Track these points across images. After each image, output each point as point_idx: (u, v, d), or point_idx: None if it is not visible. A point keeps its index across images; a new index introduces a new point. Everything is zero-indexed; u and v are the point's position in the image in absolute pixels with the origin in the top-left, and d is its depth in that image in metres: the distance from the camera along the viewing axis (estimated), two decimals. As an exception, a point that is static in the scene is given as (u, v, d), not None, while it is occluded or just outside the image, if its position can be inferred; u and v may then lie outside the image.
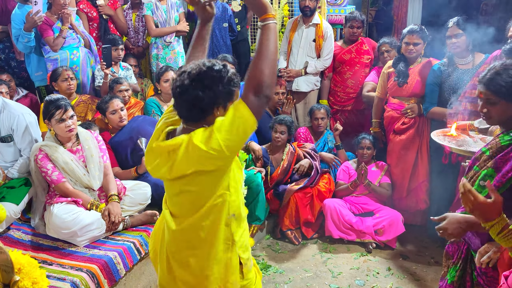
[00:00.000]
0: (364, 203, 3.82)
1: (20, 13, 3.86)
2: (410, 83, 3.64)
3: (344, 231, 3.68)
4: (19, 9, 3.90)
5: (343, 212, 3.69)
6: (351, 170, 3.98)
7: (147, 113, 3.90)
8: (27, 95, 4.15)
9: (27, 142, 3.02)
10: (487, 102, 1.89)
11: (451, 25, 3.29)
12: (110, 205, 2.84)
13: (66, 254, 2.67)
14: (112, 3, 4.64)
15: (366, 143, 3.90)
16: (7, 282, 1.68)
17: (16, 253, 1.82)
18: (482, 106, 1.91)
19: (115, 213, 2.82)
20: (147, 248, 2.84)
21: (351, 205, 3.83)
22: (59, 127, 2.84)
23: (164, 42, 4.57)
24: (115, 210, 2.83)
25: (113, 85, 3.83)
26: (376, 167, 3.95)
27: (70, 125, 2.84)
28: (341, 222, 3.66)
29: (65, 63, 3.93)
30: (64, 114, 2.82)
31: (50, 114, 2.82)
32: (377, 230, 3.64)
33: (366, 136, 3.95)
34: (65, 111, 2.82)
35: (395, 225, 3.60)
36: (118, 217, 2.82)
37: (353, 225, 3.66)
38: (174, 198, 1.74)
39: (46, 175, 2.85)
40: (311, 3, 4.24)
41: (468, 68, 3.33)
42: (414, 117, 3.67)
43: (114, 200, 2.88)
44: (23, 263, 1.80)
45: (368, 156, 3.90)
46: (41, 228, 2.89)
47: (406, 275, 3.31)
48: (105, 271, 2.56)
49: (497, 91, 1.84)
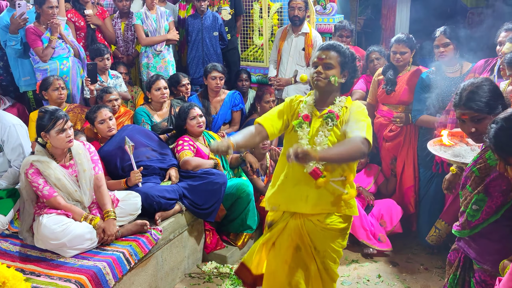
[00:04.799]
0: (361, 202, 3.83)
1: (8, 15, 3.87)
2: (398, 90, 3.69)
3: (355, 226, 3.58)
4: (8, 12, 3.90)
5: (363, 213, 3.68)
6: None
7: (136, 122, 3.90)
8: (14, 105, 4.12)
9: (17, 154, 2.99)
10: (472, 121, 1.93)
11: (438, 35, 3.34)
12: (106, 223, 2.80)
13: (54, 265, 2.64)
14: (101, 13, 4.64)
15: None
16: None
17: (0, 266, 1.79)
18: (469, 127, 1.95)
19: (110, 233, 2.79)
20: (136, 258, 2.83)
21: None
22: (59, 138, 2.73)
23: (154, 51, 4.58)
24: (111, 230, 2.79)
25: (102, 95, 3.81)
26: (370, 168, 3.97)
27: (70, 135, 2.77)
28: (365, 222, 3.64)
29: (55, 73, 3.90)
30: (65, 124, 2.73)
31: (49, 126, 2.70)
32: (381, 222, 3.69)
33: None
34: (66, 122, 2.74)
35: (393, 209, 3.67)
36: (112, 238, 2.79)
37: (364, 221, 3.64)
38: None
39: (37, 189, 2.77)
40: (300, 12, 4.29)
41: (456, 76, 3.38)
42: (401, 125, 3.71)
43: (110, 217, 2.83)
44: (7, 276, 1.78)
45: (362, 164, 3.95)
46: (29, 239, 2.85)
47: (396, 282, 3.32)
48: (94, 282, 2.54)
49: (480, 109, 1.89)
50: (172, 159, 3.51)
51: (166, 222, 3.16)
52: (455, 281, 2.15)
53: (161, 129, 3.89)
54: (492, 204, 1.87)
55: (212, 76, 4.19)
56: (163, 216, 3.16)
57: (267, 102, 4.29)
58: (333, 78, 2.17)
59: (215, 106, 4.31)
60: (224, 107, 4.31)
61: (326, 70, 2.18)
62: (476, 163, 1.97)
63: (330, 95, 2.24)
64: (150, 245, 2.94)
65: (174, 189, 3.23)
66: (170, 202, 3.19)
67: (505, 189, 1.82)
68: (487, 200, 1.88)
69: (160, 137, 3.69)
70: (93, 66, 3.89)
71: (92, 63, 3.94)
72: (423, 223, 3.72)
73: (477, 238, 1.99)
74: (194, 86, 4.91)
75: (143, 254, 2.88)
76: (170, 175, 3.41)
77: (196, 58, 4.85)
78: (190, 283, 3.33)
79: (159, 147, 3.55)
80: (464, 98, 1.93)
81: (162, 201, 3.12)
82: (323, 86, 2.20)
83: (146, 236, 2.95)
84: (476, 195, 1.93)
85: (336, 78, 2.17)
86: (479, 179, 1.92)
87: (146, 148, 3.48)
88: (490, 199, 1.87)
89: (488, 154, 1.92)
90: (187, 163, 3.41)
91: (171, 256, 3.22)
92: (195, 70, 4.86)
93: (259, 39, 5.08)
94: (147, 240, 2.93)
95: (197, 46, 4.81)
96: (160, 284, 3.12)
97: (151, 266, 3.02)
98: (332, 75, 2.17)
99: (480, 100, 1.89)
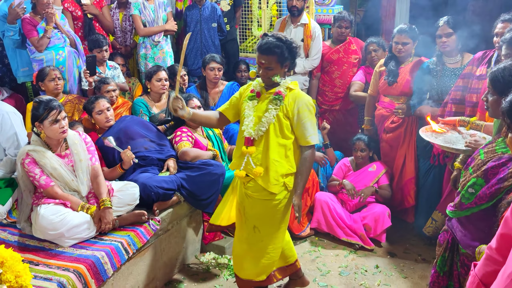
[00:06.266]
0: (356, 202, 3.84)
1: (6, 5, 3.84)
2: (400, 82, 3.68)
3: (332, 226, 3.69)
4: (5, 2, 3.87)
5: (335, 207, 3.71)
6: (345, 168, 4.00)
7: (135, 113, 3.88)
8: (12, 96, 4.11)
9: (11, 142, 2.98)
10: (488, 92, 1.96)
11: (441, 24, 3.32)
12: (102, 212, 2.80)
13: (52, 255, 2.64)
14: (98, 2, 4.60)
15: (359, 145, 3.88)
16: None
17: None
18: (485, 94, 1.98)
19: (107, 221, 2.79)
20: (135, 248, 2.83)
21: (345, 203, 3.87)
22: (52, 128, 2.73)
23: (152, 42, 4.56)
24: (107, 217, 2.80)
25: (100, 86, 3.80)
26: (373, 167, 3.89)
27: (64, 126, 2.77)
28: (332, 216, 3.68)
29: (51, 63, 3.87)
30: (58, 115, 2.73)
31: (43, 116, 2.70)
32: (365, 226, 3.67)
33: (361, 137, 3.92)
34: (59, 112, 2.74)
35: (380, 220, 3.61)
36: (109, 225, 2.80)
37: (343, 220, 3.68)
38: None
39: (34, 179, 2.78)
40: (298, 3, 4.26)
41: (457, 67, 3.37)
42: (403, 117, 3.71)
43: (106, 206, 2.83)
44: (5, 257, 1.79)
45: (363, 158, 3.89)
46: (27, 229, 2.85)
47: (393, 272, 3.34)
48: (92, 271, 2.54)
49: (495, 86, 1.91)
50: (170, 150, 3.51)
51: (164, 213, 3.16)
52: (443, 262, 2.20)
53: (159, 120, 3.88)
54: (487, 190, 1.88)
55: (211, 67, 4.17)
56: (161, 207, 3.16)
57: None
58: (275, 77, 2.46)
59: (214, 97, 4.30)
60: (223, 98, 4.30)
61: (268, 71, 2.46)
62: (485, 146, 1.99)
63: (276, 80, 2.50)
64: (148, 235, 2.94)
65: (172, 180, 3.23)
66: (168, 193, 3.18)
67: (502, 178, 1.83)
68: (484, 185, 1.89)
69: (158, 128, 3.68)
70: (92, 59, 3.88)
71: (91, 55, 3.92)
72: (420, 215, 3.73)
73: (465, 222, 2.02)
74: (192, 78, 4.89)
75: (141, 244, 2.88)
76: (168, 165, 3.40)
77: (194, 49, 4.83)
78: (189, 273, 3.35)
79: (157, 138, 3.54)
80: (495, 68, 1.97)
81: (160, 191, 3.12)
82: (268, 82, 2.52)
83: (145, 226, 2.95)
84: (474, 178, 1.94)
85: (278, 76, 2.46)
86: (482, 162, 1.93)
87: (144, 139, 3.47)
88: (487, 185, 1.88)
89: (499, 140, 1.93)
90: (185, 154, 3.40)
91: (169, 247, 3.23)
92: (193, 61, 4.84)
93: (258, 30, 5.05)
94: (145, 230, 2.94)
95: (195, 37, 4.78)
96: (158, 274, 3.13)
97: (149, 256, 3.03)
98: (274, 74, 2.46)
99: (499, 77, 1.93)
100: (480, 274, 1.51)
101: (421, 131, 2.88)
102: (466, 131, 2.80)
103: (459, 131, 2.83)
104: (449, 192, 3.32)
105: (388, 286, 3.18)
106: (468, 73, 3.14)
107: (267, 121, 2.47)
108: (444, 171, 3.48)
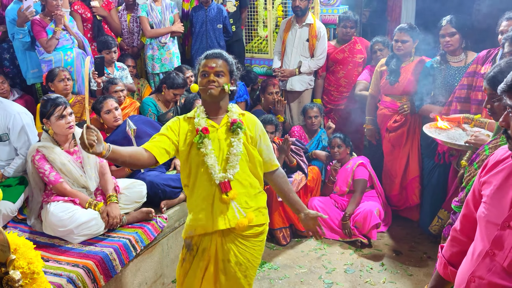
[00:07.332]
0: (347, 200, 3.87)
1: (16, 8, 3.92)
2: (402, 81, 3.69)
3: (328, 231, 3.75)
4: (15, 5, 3.95)
5: (327, 212, 3.77)
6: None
7: (143, 112, 3.94)
8: (23, 96, 4.18)
9: (22, 141, 3.04)
10: (490, 99, 1.94)
11: (444, 24, 3.33)
12: (108, 207, 2.86)
13: (62, 251, 2.70)
14: (106, 4, 4.68)
15: (336, 141, 3.96)
16: (4, 261, 1.72)
17: (12, 235, 1.86)
18: (486, 102, 1.96)
19: (114, 215, 2.84)
20: (142, 245, 2.88)
21: (337, 202, 3.91)
22: (59, 124, 2.83)
23: (159, 43, 4.61)
24: (114, 212, 2.85)
25: (108, 86, 3.86)
26: (350, 164, 3.93)
27: (70, 122, 2.85)
28: (325, 222, 3.71)
29: (59, 64, 3.96)
30: (64, 110, 2.82)
31: (50, 112, 2.81)
32: (356, 224, 3.70)
33: (337, 134, 4.01)
34: (65, 108, 2.83)
35: (368, 218, 3.62)
36: (116, 220, 2.85)
37: (335, 222, 3.75)
38: None
39: (44, 175, 2.85)
40: (301, 3, 4.28)
41: (461, 66, 3.38)
42: (408, 112, 3.72)
43: (113, 201, 2.89)
44: (19, 244, 1.84)
45: (341, 154, 3.94)
46: (38, 226, 2.92)
47: (399, 270, 3.35)
48: (101, 267, 2.59)
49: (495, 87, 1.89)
50: (177, 149, 3.55)
51: (171, 210, 3.21)
52: None
53: (167, 120, 3.92)
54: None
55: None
56: (168, 204, 3.21)
57: (270, 93, 4.32)
58: (226, 86, 2.12)
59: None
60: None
61: (218, 78, 2.11)
62: (490, 142, 2.00)
63: (222, 103, 2.18)
64: (155, 233, 2.99)
65: (179, 178, 3.27)
66: (175, 191, 3.23)
67: None
68: None
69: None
70: (101, 60, 3.94)
71: (100, 56, 3.99)
72: (426, 213, 3.74)
73: None
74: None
75: (149, 241, 2.93)
76: (175, 164, 3.45)
77: (200, 50, 4.87)
78: (195, 270, 3.38)
79: (164, 137, 3.58)
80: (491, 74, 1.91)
81: (167, 189, 3.17)
82: (216, 95, 2.11)
83: (152, 223, 3.00)
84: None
85: (229, 86, 2.13)
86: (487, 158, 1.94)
87: (151, 138, 3.52)
88: None
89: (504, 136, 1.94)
90: (192, 153, 3.42)
91: (176, 244, 3.27)
92: (199, 63, 4.88)
93: (263, 31, 5.09)
94: (152, 228, 2.98)
95: (201, 38, 4.83)
96: (165, 271, 3.17)
97: (157, 253, 3.07)
98: (225, 82, 2.12)
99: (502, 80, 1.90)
100: (447, 255, 1.64)
101: (424, 128, 2.91)
102: (470, 128, 2.82)
103: (463, 128, 2.84)
104: (454, 190, 3.32)
105: (394, 284, 3.19)
106: (473, 71, 3.15)
107: (235, 156, 2.13)
108: (449, 169, 3.49)
